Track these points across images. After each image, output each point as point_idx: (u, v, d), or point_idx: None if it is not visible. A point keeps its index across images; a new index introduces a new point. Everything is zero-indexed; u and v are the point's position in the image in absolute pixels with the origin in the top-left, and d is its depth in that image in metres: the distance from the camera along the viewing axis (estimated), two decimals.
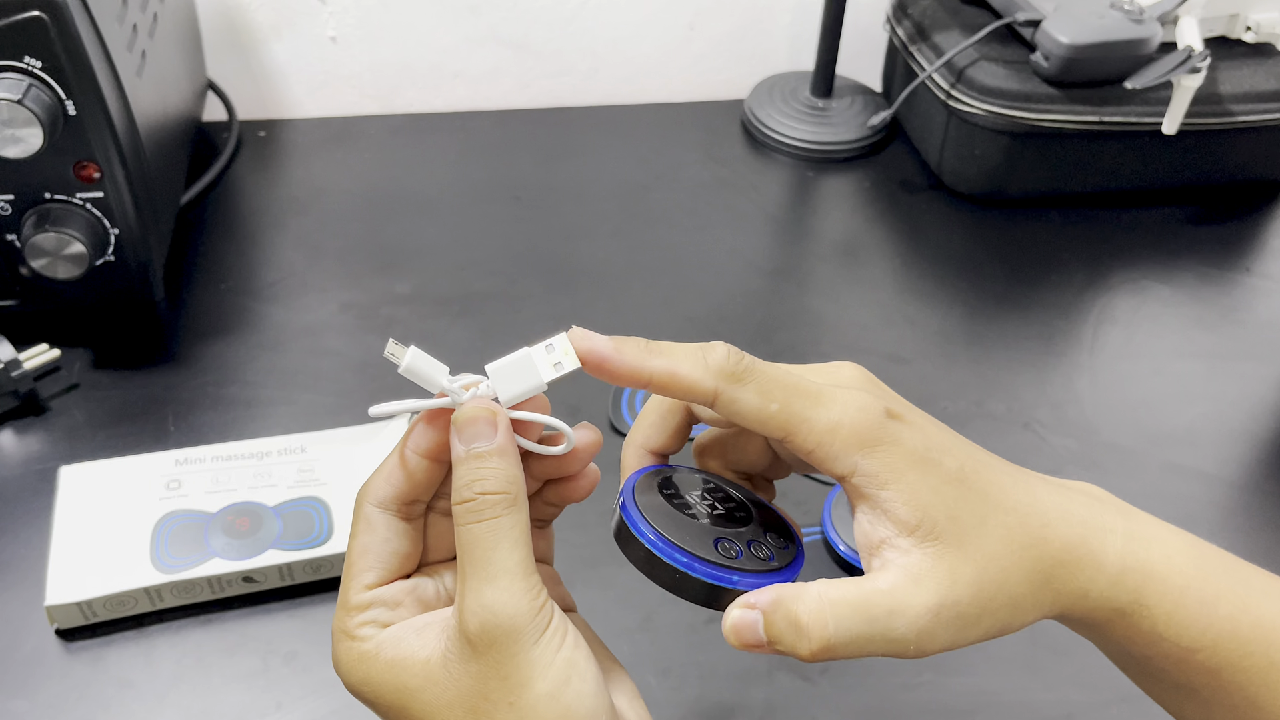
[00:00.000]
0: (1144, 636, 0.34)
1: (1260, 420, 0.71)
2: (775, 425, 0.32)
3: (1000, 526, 0.33)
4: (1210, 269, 0.83)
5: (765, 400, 0.32)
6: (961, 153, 0.85)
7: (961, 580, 0.32)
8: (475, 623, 0.31)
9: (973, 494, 0.33)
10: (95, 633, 0.55)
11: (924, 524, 0.32)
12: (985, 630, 0.33)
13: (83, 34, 0.57)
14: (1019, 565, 0.33)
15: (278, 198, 0.83)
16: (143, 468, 0.59)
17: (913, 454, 0.32)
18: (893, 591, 0.32)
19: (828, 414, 0.32)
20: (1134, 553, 0.34)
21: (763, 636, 0.32)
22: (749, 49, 0.98)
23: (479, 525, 0.32)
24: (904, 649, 0.32)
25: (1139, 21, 0.79)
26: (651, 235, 0.82)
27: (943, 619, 0.31)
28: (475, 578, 0.31)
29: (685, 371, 0.32)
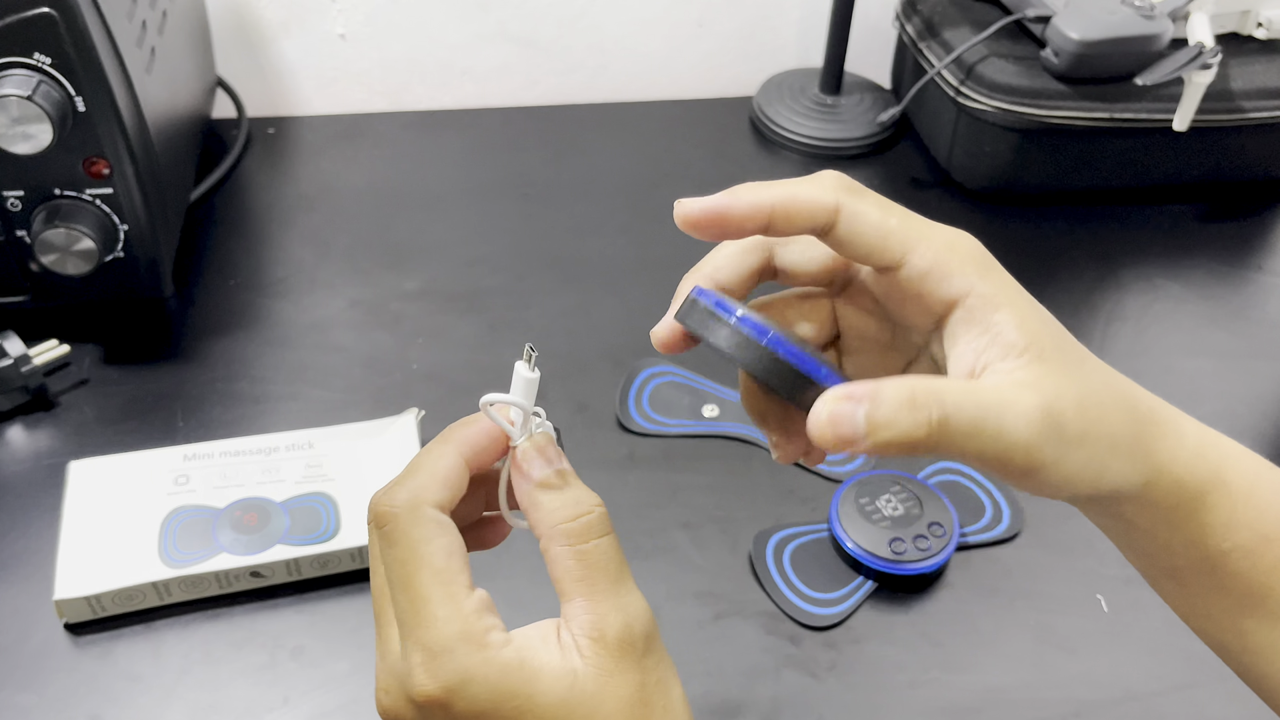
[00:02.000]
0: (1222, 522, 0.34)
1: (1271, 418, 0.70)
2: (895, 240, 0.32)
3: (1098, 370, 0.33)
4: (1221, 266, 0.82)
5: (885, 214, 0.32)
6: (971, 149, 0.84)
7: (1066, 396, 0.31)
8: (642, 625, 0.32)
9: (1070, 339, 0.33)
10: (103, 627, 0.55)
11: (1033, 347, 0.31)
12: (1088, 457, 0.31)
13: (92, 30, 0.57)
14: (1117, 406, 0.33)
15: (287, 194, 0.83)
16: (151, 463, 0.59)
17: (1019, 288, 0.33)
18: (1000, 389, 0.31)
19: (944, 234, 0.33)
20: (1207, 434, 0.35)
21: (862, 426, 0.29)
22: (758, 46, 0.98)
23: (594, 543, 0.32)
24: (1013, 451, 0.30)
25: (1150, 18, 0.79)
26: (659, 232, 0.82)
27: (1051, 423, 0.30)
28: (609, 592, 0.32)
29: (805, 191, 0.32)
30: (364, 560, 0.57)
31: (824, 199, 0.32)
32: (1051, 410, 0.30)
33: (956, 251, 0.32)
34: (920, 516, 0.60)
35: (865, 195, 0.33)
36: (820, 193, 0.32)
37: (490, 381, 0.69)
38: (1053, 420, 0.30)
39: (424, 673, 0.31)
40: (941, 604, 0.59)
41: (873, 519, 0.59)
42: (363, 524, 0.57)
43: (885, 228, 0.32)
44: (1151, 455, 0.33)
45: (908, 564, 0.58)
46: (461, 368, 0.70)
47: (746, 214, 0.32)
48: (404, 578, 0.32)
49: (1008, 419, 0.30)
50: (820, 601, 0.58)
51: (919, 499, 0.60)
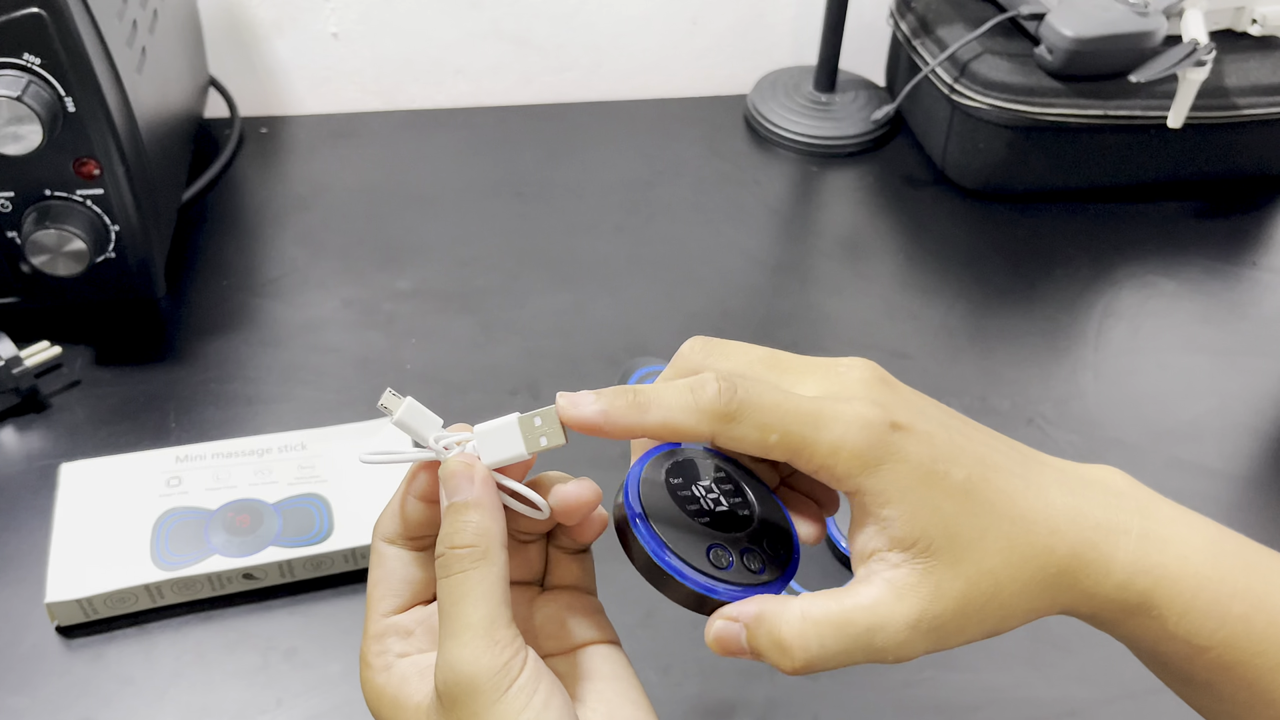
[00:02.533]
0: (1153, 635, 0.34)
1: (1266, 415, 0.70)
2: (777, 454, 0.32)
3: (1002, 538, 0.32)
4: (1216, 263, 0.82)
5: (763, 433, 0.32)
6: (965, 147, 0.84)
7: (947, 595, 0.32)
8: (440, 679, 0.31)
9: (977, 506, 0.32)
10: (96, 629, 0.55)
11: (919, 542, 0.32)
12: (968, 637, 0.33)
13: (82, 31, 0.57)
14: (1016, 577, 0.33)
15: (279, 194, 0.83)
16: (143, 465, 0.59)
17: (917, 470, 0.32)
18: (874, 607, 0.32)
19: (829, 435, 0.31)
20: (1146, 554, 0.34)
21: (745, 647, 0.33)
22: (752, 44, 0.98)
23: (447, 580, 0.32)
24: (883, 658, 0.32)
25: (1144, 14, 0.79)
26: (654, 231, 0.82)
27: (921, 630, 0.32)
28: (444, 633, 0.32)
29: (679, 420, 0.32)
30: (357, 562, 0.57)
31: (698, 429, 0.32)
32: (922, 620, 0.32)
33: (840, 457, 0.31)
34: None
35: (741, 419, 0.31)
36: (695, 423, 0.32)
37: (484, 383, 0.69)
38: (923, 628, 0.32)
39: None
40: None
41: None
42: (355, 526, 0.57)
43: (765, 446, 0.32)
44: (1063, 598, 0.33)
45: None
46: (455, 368, 0.70)
47: (620, 434, 0.33)
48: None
49: (876, 641, 0.32)
50: None
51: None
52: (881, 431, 0.32)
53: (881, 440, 0.32)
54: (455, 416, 0.71)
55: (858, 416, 0.32)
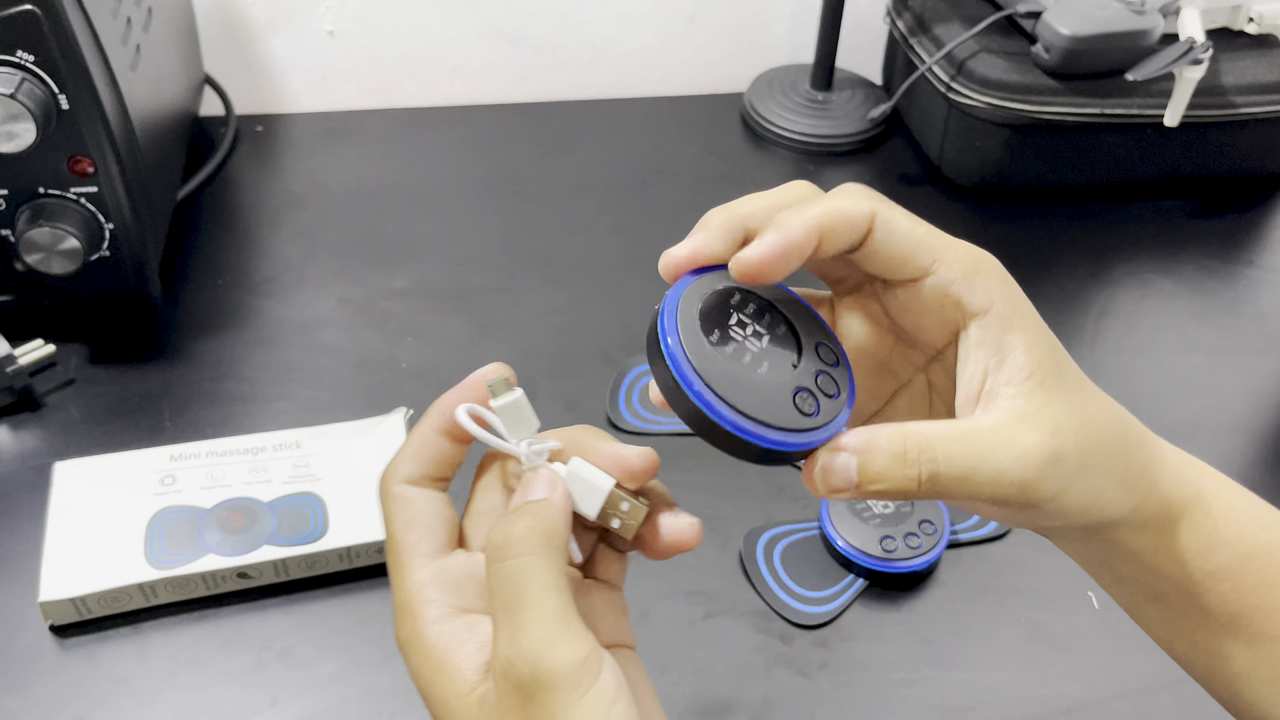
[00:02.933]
0: (1204, 541, 0.34)
1: (1262, 414, 0.70)
2: (925, 249, 0.32)
3: (1094, 396, 0.33)
4: (1212, 262, 0.82)
5: (914, 223, 0.32)
6: (962, 145, 0.84)
7: (1065, 428, 0.31)
8: (514, 670, 0.29)
9: (1073, 365, 0.33)
10: (89, 629, 0.54)
11: (1038, 371, 0.32)
12: (1084, 487, 0.32)
13: (75, 28, 0.57)
14: (1112, 432, 0.33)
15: (275, 193, 0.83)
16: (138, 463, 0.59)
17: (1034, 310, 0.33)
18: (997, 429, 0.31)
19: (969, 248, 0.32)
20: (1185, 455, 0.35)
21: (855, 478, 0.30)
22: (748, 42, 0.98)
23: (513, 563, 0.30)
24: (1009, 488, 0.30)
25: (1140, 13, 0.78)
26: (651, 229, 0.81)
27: (1051, 459, 0.31)
28: (511, 620, 0.29)
29: (844, 203, 0.31)
30: (352, 561, 0.57)
31: (860, 208, 0.32)
32: (1052, 446, 0.31)
33: (981, 266, 0.32)
34: (911, 514, 0.59)
35: (894, 205, 0.32)
36: (855, 203, 0.32)
37: None
38: (1053, 456, 0.31)
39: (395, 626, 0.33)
40: (933, 602, 0.58)
41: (863, 517, 0.59)
42: (350, 524, 0.57)
43: (914, 236, 0.32)
44: (1142, 478, 0.33)
45: (899, 562, 0.58)
46: (450, 367, 0.70)
47: (803, 243, 0.31)
48: (386, 539, 0.34)
49: (1004, 462, 0.30)
50: (811, 600, 0.58)
51: None
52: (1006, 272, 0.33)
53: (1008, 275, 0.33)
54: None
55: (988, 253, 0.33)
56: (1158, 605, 0.37)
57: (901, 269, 0.32)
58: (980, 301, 0.32)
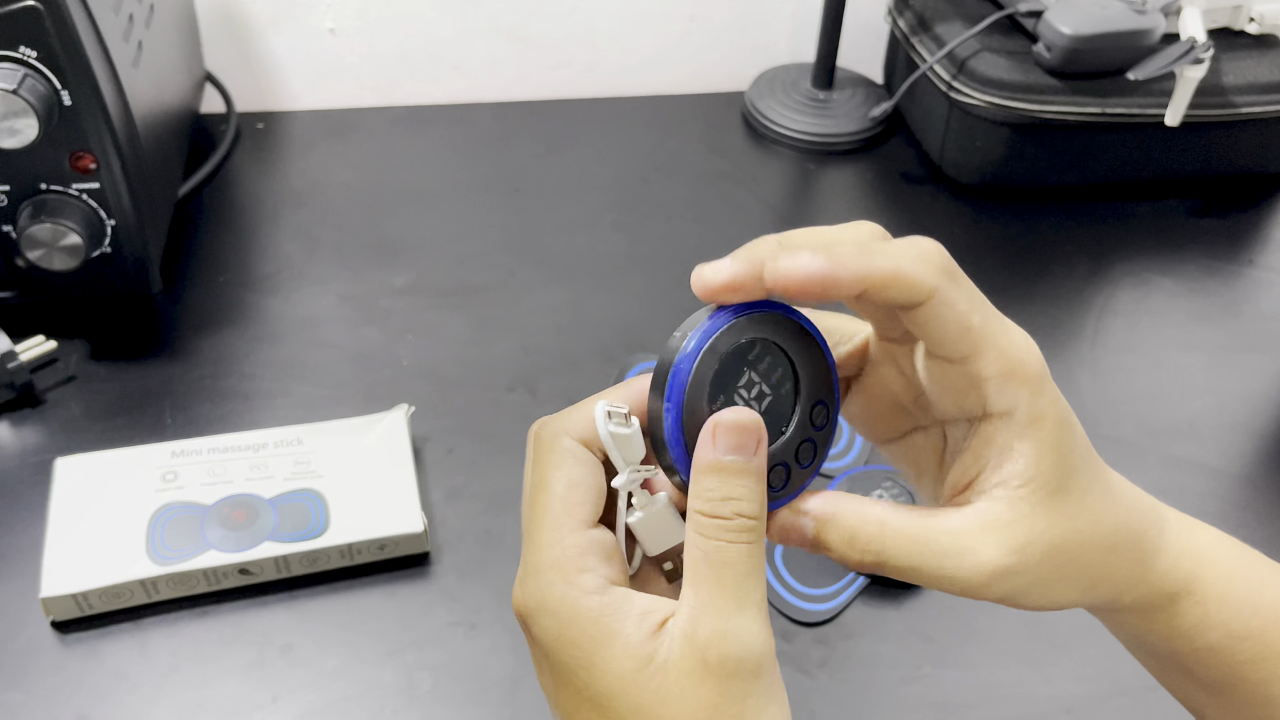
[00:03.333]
0: (1193, 625, 0.34)
1: (1262, 413, 0.70)
2: (971, 339, 0.30)
3: (1099, 500, 0.32)
4: (1213, 261, 0.82)
5: (971, 308, 0.30)
6: (963, 144, 0.84)
7: (1035, 545, 0.31)
8: (721, 649, 0.29)
9: (1091, 465, 0.32)
10: (91, 625, 0.54)
11: (1034, 482, 0.31)
12: (1039, 595, 0.32)
13: (78, 24, 0.57)
14: (1094, 548, 0.32)
15: (276, 190, 0.83)
16: (139, 459, 0.59)
17: (1063, 410, 0.32)
18: (958, 533, 0.31)
19: (1019, 342, 0.31)
20: (1187, 537, 0.34)
21: (808, 540, 0.31)
22: (750, 41, 0.98)
23: (735, 547, 0.30)
24: (952, 588, 0.31)
25: (1142, 12, 0.79)
26: (652, 227, 0.81)
27: (1001, 572, 0.31)
28: (726, 601, 0.29)
29: (908, 268, 0.29)
30: (353, 557, 0.57)
31: (925, 283, 0.29)
32: (1008, 563, 0.31)
33: (1021, 368, 0.31)
34: None
35: (960, 282, 0.30)
36: (924, 275, 0.29)
37: (481, 379, 0.69)
38: (1006, 571, 0.31)
39: (518, 586, 0.31)
40: (933, 600, 0.58)
41: None
42: (351, 521, 0.57)
43: (967, 324, 0.30)
44: (1120, 579, 0.33)
45: None
46: (451, 364, 0.70)
47: (850, 283, 0.29)
48: (528, 496, 0.32)
49: (951, 569, 0.31)
50: (812, 598, 0.58)
51: (911, 494, 0.60)
52: (1045, 369, 0.31)
53: (1046, 372, 0.31)
54: (452, 412, 0.71)
55: (1029, 339, 0.31)
56: (1148, 658, 0.38)
57: (939, 348, 0.31)
58: (1004, 405, 0.31)
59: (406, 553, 0.58)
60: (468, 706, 0.53)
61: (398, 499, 0.58)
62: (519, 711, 0.53)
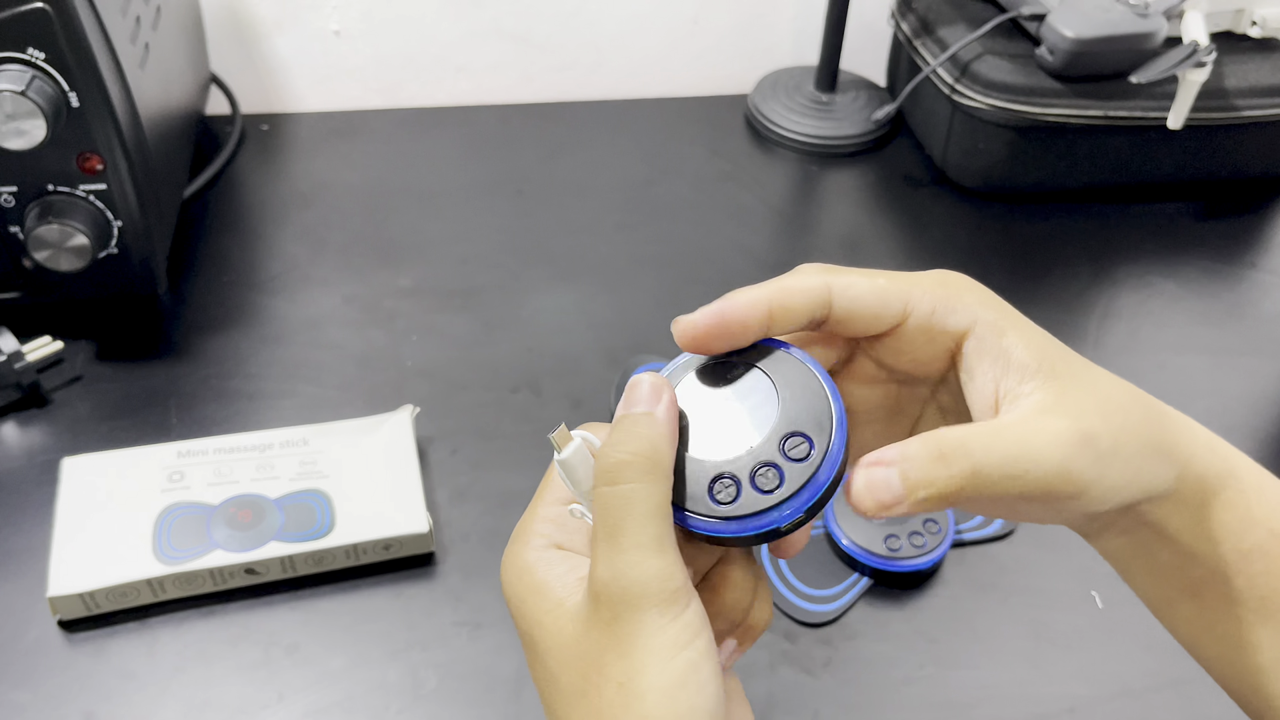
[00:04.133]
0: (1239, 519, 0.34)
1: (1264, 415, 0.71)
2: (892, 295, 0.33)
3: (1107, 376, 0.33)
4: (1215, 264, 0.82)
5: (872, 278, 0.33)
6: (966, 147, 0.84)
7: (1090, 411, 0.31)
8: (604, 588, 0.30)
9: (1073, 353, 0.33)
10: (97, 624, 0.55)
11: (1044, 364, 0.32)
12: (1124, 464, 0.31)
13: (86, 26, 0.57)
14: (1135, 406, 0.33)
15: (281, 191, 0.83)
16: (145, 459, 0.59)
17: (1015, 311, 0.34)
18: (1024, 421, 0.31)
19: (932, 275, 0.34)
20: (1206, 431, 0.35)
21: (899, 489, 0.29)
22: (753, 43, 0.98)
23: (614, 490, 0.30)
24: (1053, 479, 0.30)
25: (1144, 16, 0.79)
26: (655, 229, 0.82)
27: (1084, 441, 0.30)
28: (609, 543, 0.30)
29: (793, 281, 0.33)
30: (358, 557, 0.57)
31: (810, 282, 0.33)
32: (1081, 427, 0.31)
33: (950, 287, 0.33)
34: None
35: (847, 270, 0.34)
36: (805, 279, 0.33)
37: (485, 380, 0.69)
38: (1085, 437, 0.31)
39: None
40: (936, 600, 0.59)
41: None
42: (356, 521, 0.57)
43: (877, 288, 0.33)
44: (1176, 448, 0.33)
45: (903, 560, 0.58)
46: (455, 365, 0.70)
47: (745, 315, 0.32)
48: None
49: (1040, 450, 0.30)
50: (815, 598, 0.58)
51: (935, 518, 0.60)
52: (975, 282, 0.34)
53: (978, 284, 0.34)
54: (456, 413, 0.71)
55: (951, 271, 0.35)
56: (1190, 599, 0.36)
57: (877, 323, 0.33)
58: (965, 320, 0.33)
59: (411, 553, 0.58)
60: (472, 706, 0.53)
61: (403, 499, 0.58)
62: (524, 711, 0.53)
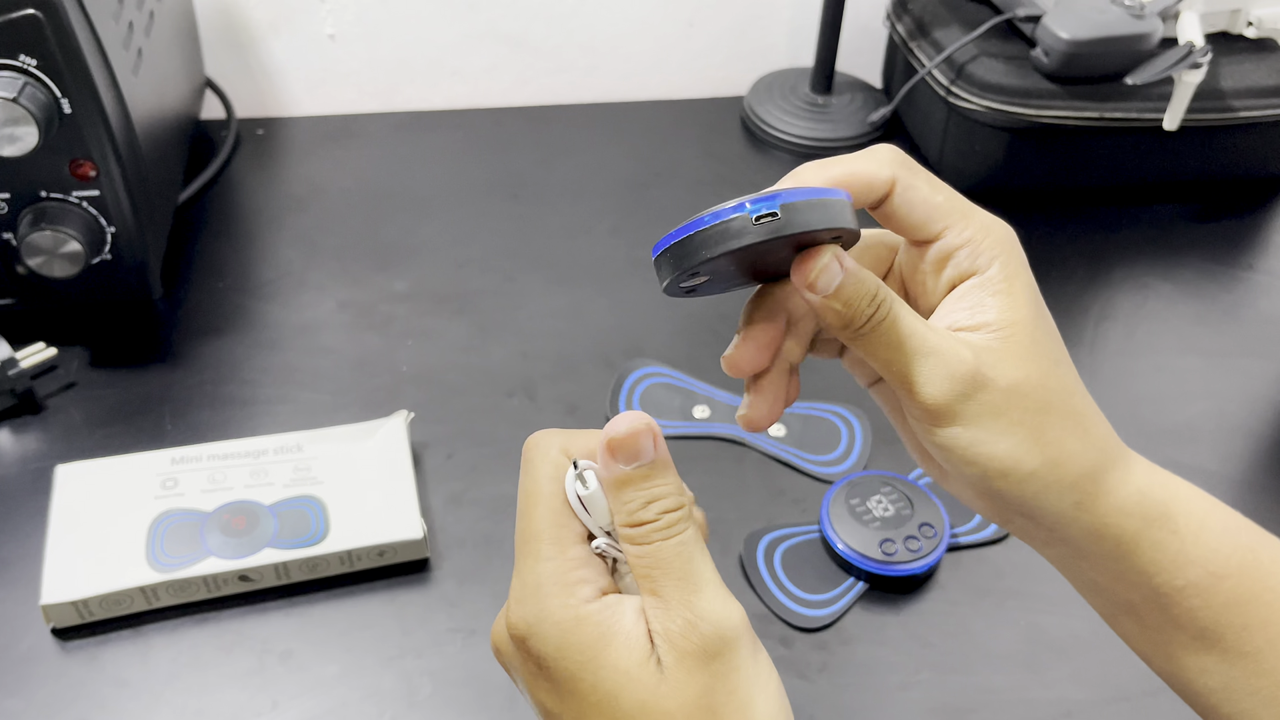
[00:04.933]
0: (1170, 559, 0.34)
1: (1261, 416, 0.71)
2: (939, 214, 0.34)
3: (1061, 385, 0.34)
4: (1212, 265, 0.82)
5: (933, 190, 0.34)
6: (962, 149, 0.84)
7: (1001, 375, 0.33)
8: (694, 637, 0.31)
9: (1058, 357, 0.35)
10: (91, 632, 0.55)
11: (1003, 330, 0.33)
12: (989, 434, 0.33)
13: (78, 32, 0.57)
14: (1054, 412, 0.34)
15: (276, 196, 0.83)
16: (139, 466, 0.59)
17: (1033, 289, 0.35)
18: (946, 337, 0.33)
19: (984, 217, 0.35)
20: (1159, 473, 0.36)
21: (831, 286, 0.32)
22: (748, 45, 0.98)
23: (670, 543, 0.31)
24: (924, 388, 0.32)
25: (1140, 17, 0.79)
26: (651, 232, 0.81)
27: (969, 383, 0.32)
28: (683, 592, 0.31)
29: (864, 166, 0.34)
30: (353, 564, 0.57)
31: (881, 173, 0.34)
32: (977, 375, 0.32)
33: (990, 234, 0.34)
34: (911, 517, 0.60)
35: (918, 171, 0.34)
36: (878, 168, 0.34)
37: (480, 384, 0.69)
38: (972, 383, 0.32)
39: (514, 604, 0.32)
40: (932, 605, 0.59)
41: (863, 520, 0.59)
42: (351, 527, 0.57)
43: (932, 203, 0.34)
44: (1076, 464, 0.34)
45: (899, 565, 0.58)
46: (451, 369, 0.70)
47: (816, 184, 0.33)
48: (525, 508, 0.33)
49: (932, 360, 0.32)
50: (811, 603, 0.58)
51: (909, 499, 0.60)
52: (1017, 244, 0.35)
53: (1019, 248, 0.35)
54: (451, 418, 0.71)
55: (1006, 224, 0.35)
56: (1130, 617, 0.37)
57: (915, 232, 0.35)
58: (979, 265, 0.34)
59: (406, 559, 0.58)
60: (467, 712, 0.53)
61: (397, 505, 0.58)
62: (519, 718, 0.53)
